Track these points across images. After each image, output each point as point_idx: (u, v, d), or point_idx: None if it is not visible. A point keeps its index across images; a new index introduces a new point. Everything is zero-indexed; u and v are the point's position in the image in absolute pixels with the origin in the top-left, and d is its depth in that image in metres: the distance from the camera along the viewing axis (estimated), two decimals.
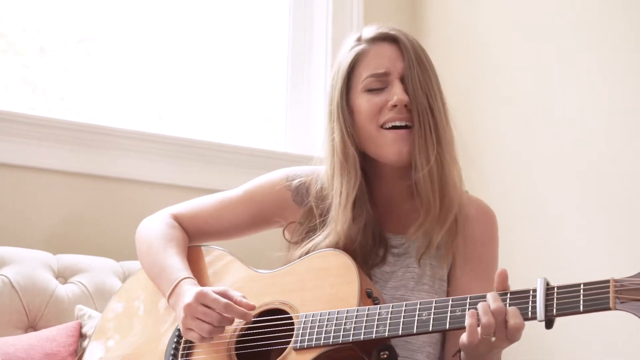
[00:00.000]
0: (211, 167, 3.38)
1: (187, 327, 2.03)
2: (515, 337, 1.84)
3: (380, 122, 2.14)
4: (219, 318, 2.00)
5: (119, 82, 3.48)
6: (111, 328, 2.29)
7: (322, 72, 3.69)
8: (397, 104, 2.13)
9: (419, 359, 2.13)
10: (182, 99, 3.61)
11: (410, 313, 1.92)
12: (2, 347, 2.47)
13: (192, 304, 2.01)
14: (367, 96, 2.16)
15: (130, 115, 3.48)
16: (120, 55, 3.50)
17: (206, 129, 3.62)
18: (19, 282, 2.73)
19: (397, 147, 2.13)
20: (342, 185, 2.17)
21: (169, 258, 2.20)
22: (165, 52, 3.58)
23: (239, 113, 3.71)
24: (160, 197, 2.63)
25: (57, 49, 3.42)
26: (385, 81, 2.16)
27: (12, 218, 3.02)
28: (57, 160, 3.12)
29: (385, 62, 2.17)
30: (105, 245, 3.03)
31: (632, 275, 1.74)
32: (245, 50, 3.74)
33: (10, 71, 3.32)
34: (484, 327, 1.82)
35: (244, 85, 3.73)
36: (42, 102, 3.36)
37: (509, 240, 3.28)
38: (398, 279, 2.16)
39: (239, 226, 2.33)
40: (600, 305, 1.74)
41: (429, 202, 2.14)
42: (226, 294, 2.04)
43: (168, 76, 3.58)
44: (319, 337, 1.97)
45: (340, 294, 2.02)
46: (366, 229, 2.16)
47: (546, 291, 1.80)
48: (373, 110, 2.15)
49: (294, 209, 2.28)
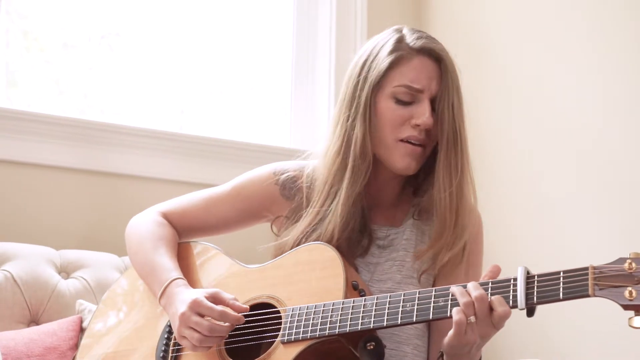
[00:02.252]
0: (215, 163, 3.39)
1: (181, 335, 2.05)
2: (500, 325, 1.85)
3: (400, 137, 2.13)
4: (210, 327, 2.01)
5: (135, 78, 3.51)
6: (103, 324, 2.32)
7: (326, 68, 3.69)
8: (421, 125, 2.12)
9: (407, 351, 2.14)
10: (186, 96, 3.62)
11: (395, 304, 1.93)
12: (3, 341, 2.50)
13: (186, 313, 2.02)
14: (393, 105, 2.14)
15: (142, 111, 3.50)
16: (136, 52, 3.53)
17: (211, 125, 3.63)
18: (22, 277, 2.77)
19: (408, 160, 2.13)
20: (351, 182, 2.15)
21: (158, 257, 2.21)
22: (171, 50, 3.60)
23: (243, 109, 3.72)
24: (164, 193, 2.64)
25: (80, 44, 3.44)
26: (415, 97, 2.13)
27: (16, 214, 3.05)
28: (60, 157, 3.15)
29: (423, 79, 2.13)
30: (108, 241, 3.05)
31: (611, 262, 1.74)
32: (250, 47, 3.75)
33: (34, 68, 3.36)
34: (464, 305, 1.83)
35: (248, 82, 3.74)
36: (65, 99, 3.39)
37: (512, 235, 3.31)
38: (384, 271, 2.17)
39: (227, 221, 2.33)
40: (580, 292, 1.75)
41: (444, 222, 2.14)
42: (218, 297, 2.05)
43: (173, 73, 3.59)
44: (306, 330, 1.98)
45: (326, 287, 2.03)
46: (355, 222, 2.17)
47: (527, 279, 1.81)
48: (396, 122, 2.13)
49: (282, 204, 2.28)
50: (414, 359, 2.14)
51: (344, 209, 2.14)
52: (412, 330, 2.15)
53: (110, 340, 2.27)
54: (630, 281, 1.70)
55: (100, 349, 2.27)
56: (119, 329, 2.28)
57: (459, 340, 1.86)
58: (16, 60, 3.36)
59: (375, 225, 2.22)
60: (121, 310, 2.32)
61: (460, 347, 1.88)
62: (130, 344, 2.23)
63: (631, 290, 1.69)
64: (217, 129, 3.61)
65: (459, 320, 1.84)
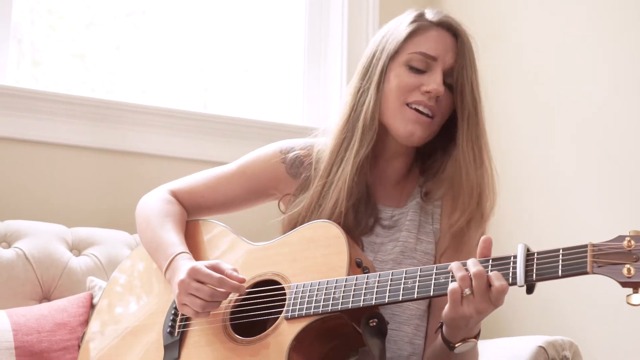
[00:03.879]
0: (229, 141, 3.40)
1: (182, 302, 2.07)
2: (499, 301, 1.86)
3: (408, 100, 2.15)
4: (211, 293, 2.04)
5: (160, 56, 3.53)
6: (112, 301, 2.35)
7: (338, 46, 3.69)
8: (431, 92, 2.13)
9: (407, 331, 2.16)
10: (209, 75, 3.63)
11: (397, 281, 1.95)
12: (14, 317, 2.53)
13: (185, 280, 2.05)
14: (406, 71, 2.16)
15: (166, 89, 3.52)
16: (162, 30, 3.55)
17: (229, 104, 3.65)
18: (33, 255, 2.80)
19: (413, 127, 2.15)
20: (358, 146, 2.17)
21: (165, 233, 2.24)
22: (186, 30, 3.61)
23: (257, 88, 3.73)
24: (177, 171, 2.66)
25: (105, 23, 3.46)
26: (429, 65, 2.15)
27: (29, 192, 3.08)
28: (72, 135, 3.17)
29: (439, 48, 2.16)
30: (121, 219, 3.08)
31: (610, 240, 1.75)
32: (263, 27, 3.75)
33: (59, 46, 3.38)
34: (460, 279, 1.85)
35: (262, 61, 3.75)
36: (90, 77, 3.42)
37: (523, 208, 3.31)
38: (387, 252, 2.19)
39: (235, 200, 2.35)
40: (578, 270, 1.76)
41: (470, 198, 2.16)
42: (217, 267, 2.07)
43: (196, 52, 3.60)
44: (309, 306, 2.00)
45: (330, 264, 2.05)
46: (360, 196, 2.19)
47: (526, 257, 1.82)
48: (406, 87, 2.15)
49: (289, 181, 2.30)
50: (414, 339, 2.17)
51: (349, 177, 2.15)
52: (413, 310, 2.17)
53: (119, 318, 2.30)
54: (629, 259, 1.71)
55: (109, 326, 2.30)
56: (127, 306, 2.31)
57: (455, 311, 1.87)
58: (41, 39, 3.39)
59: (381, 205, 2.24)
60: (129, 287, 2.35)
61: (457, 320, 1.89)
62: (138, 320, 2.26)
63: (629, 267, 1.70)
64: (232, 108, 3.63)
65: (452, 290, 1.85)
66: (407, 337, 2.15)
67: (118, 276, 2.39)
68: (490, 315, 1.93)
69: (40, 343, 2.50)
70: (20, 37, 3.33)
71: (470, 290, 1.84)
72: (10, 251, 2.79)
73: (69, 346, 2.52)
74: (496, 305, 1.87)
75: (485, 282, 1.84)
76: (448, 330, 1.95)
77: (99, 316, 2.34)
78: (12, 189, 3.05)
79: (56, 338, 2.52)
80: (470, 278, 1.84)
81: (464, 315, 1.87)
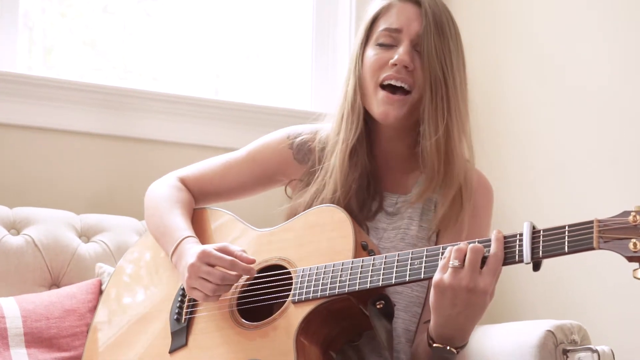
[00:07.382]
0: (239, 127, 3.39)
1: (192, 286, 2.08)
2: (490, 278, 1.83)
3: (380, 79, 2.15)
4: (222, 276, 2.04)
5: (171, 43, 3.53)
6: (119, 288, 2.36)
7: (346, 32, 3.67)
8: (397, 63, 2.13)
9: (405, 318, 2.16)
10: (220, 61, 3.63)
11: (403, 262, 1.95)
12: (23, 304, 2.53)
13: (196, 264, 2.06)
14: (376, 49, 2.18)
15: (177, 76, 3.52)
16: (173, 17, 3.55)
17: (237, 90, 3.64)
18: (42, 242, 2.80)
19: (385, 108, 2.14)
20: (344, 133, 2.19)
21: (173, 218, 2.25)
22: (197, 17, 3.60)
23: (266, 74, 3.72)
24: (186, 157, 2.66)
25: (116, 10, 3.46)
26: (396, 39, 2.16)
27: (39, 179, 3.08)
28: (83, 122, 3.16)
29: (402, 20, 2.16)
30: (129, 206, 3.08)
31: (616, 215, 1.75)
32: (273, 13, 3.74)
33: (72, 33, 3.38)
34: (455, 251, 1.84)
35: (270, 47, 3.74)
36: (101, 64, 3.42)
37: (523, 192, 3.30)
38: (389, 239, 2.19)
39: (243, 186, 2.37)
40: (585, 245, 1.76)
41: (432, 171, 2.15)
42: (226, 249, 2.08)
43: (207, 38, 3.60)
44: (316, 289, 2.00)
45: (336, 248, 2.05)
46: (361, 179, 2.18)
47: (532, 234, 1.82)
48: (376, 64, 2.16)
49: (296, 167, 2.31)
50: (412, 326, 2.16)
51: (342, 164, 2.16)
52: (413, 298, 2.16)
53: (125, 306, 2.31)
54: (635, 233, 1.71)
55: (116, 314, 2.31)
56: (134, 295, 2.31)
57: (440, 281, 1.84)
58: (52, 26, 3.39)
59: (387, 192, 2.24)
60: (135, 276, 2.35)
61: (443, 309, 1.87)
62: (145, 308, 2.27)
63: (635, 242, 1.70)
64: (242, 94, 3.62)
65: (442, 265, 1.85)
66: (404, 323, 2.15)
67: (124, 265, 2.40)
68: (497, 299, 1.92)
69: (49, 329, 2.50)
70: (31, 25, 3.33)
71: (459, 262, 1.83)
72: (20, 238, 2.79)
73: (77, 332, 2.52)
74: (484, 291, 1.84)
75: (480, 258, 1.83)
76: (434, 325, 1.93)
77: (106, 305, 2.35)
78: (22, 176, 3.05)
79: (65, 324, 2.53)
80: (466, 253, 1.83)
81: (451, 286, 1.84)
